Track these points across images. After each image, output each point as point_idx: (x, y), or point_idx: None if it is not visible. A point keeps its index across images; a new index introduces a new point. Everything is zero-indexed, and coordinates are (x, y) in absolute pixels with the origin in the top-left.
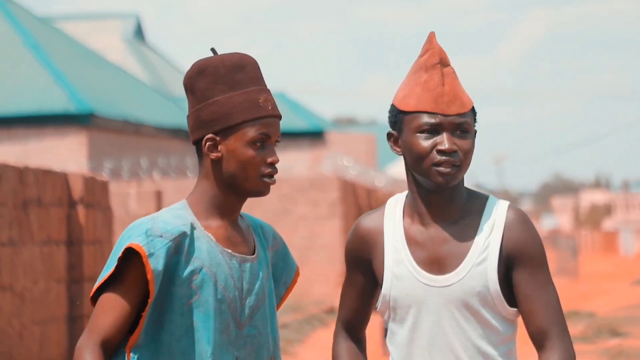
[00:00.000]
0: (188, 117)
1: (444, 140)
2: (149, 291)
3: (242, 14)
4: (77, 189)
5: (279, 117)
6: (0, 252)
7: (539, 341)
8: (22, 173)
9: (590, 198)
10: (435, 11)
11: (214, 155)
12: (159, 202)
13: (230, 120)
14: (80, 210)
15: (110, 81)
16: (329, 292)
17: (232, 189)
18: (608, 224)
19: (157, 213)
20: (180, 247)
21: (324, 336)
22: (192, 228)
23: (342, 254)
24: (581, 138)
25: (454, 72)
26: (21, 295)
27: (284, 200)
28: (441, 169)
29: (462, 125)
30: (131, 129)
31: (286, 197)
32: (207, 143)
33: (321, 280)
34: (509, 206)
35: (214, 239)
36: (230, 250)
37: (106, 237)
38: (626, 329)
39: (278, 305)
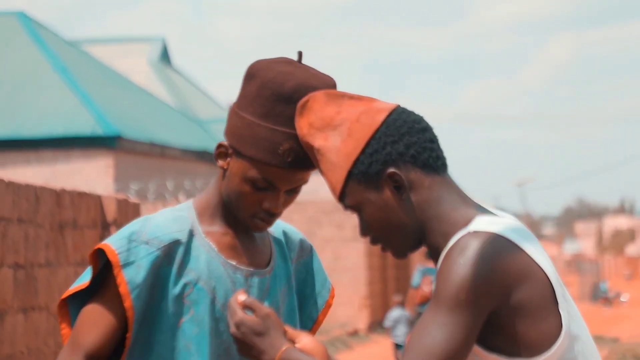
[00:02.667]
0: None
1: None
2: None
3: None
4: (111, 211)
5: (302, 169)
6: (37, 273)
7: None
8: (58, 195)
9: (614, 223)
10: (459, 34)
11: (220, 163)
12: None
13: (242, 147)
14: (113, 232)
15: (136, 104)
16: (353, 315)
17: (229, 205)
18: (632, 249)
19: (156, 213)
20: (171, 257)
21: (348, 359)
22: (190, 235)
23: (366, 276)
24: (605, 162)
25: None
26: (57, 315)
27: (309, 223)
28: None
29: None
30: (157, 152)
31: (311, 219)
32: (220, 149)
33: (345, 302)
34: (459, 236)
35: (215, 249)
36: (234, 262)
37: None
38: None
39: (312, 330)
